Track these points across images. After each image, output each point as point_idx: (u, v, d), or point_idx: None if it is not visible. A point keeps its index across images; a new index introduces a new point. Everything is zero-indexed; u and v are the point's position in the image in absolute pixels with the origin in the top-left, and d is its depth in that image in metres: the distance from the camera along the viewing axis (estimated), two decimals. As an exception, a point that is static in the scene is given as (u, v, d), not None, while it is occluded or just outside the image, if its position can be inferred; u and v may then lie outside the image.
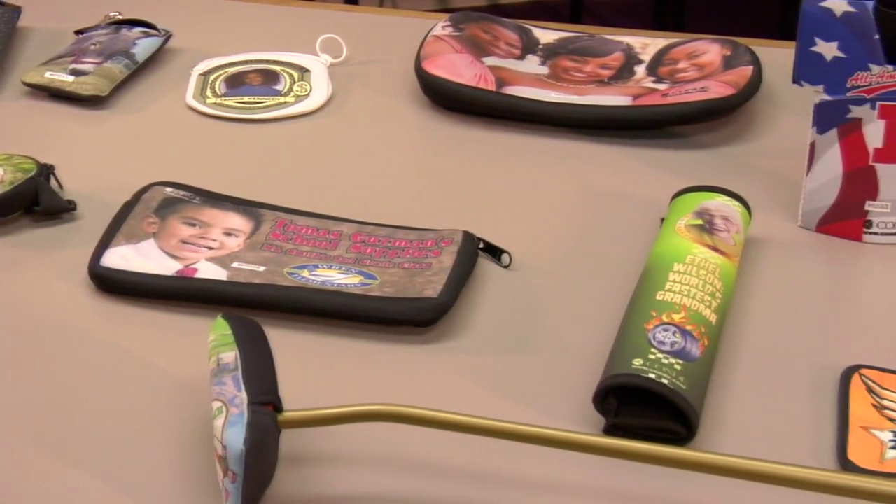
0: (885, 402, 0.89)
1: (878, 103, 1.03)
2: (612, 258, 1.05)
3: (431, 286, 0.97)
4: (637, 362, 0.86)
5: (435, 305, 0.95)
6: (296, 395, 0.89)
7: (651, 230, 1.08)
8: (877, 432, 0.86)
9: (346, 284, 0.98)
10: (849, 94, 1.03)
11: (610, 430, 0.87)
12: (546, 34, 1.35)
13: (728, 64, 1.25)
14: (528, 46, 1.32)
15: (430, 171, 1.16)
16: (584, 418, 0.88)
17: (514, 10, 3.35)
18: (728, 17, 3.38)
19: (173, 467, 0.84)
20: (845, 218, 1.07)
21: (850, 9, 1.01)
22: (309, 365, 0.93)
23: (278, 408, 0.81)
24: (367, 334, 0.96)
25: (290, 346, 0.95)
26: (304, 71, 1.31)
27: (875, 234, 1.06)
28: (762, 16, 3.27)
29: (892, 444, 0.85)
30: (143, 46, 1.32)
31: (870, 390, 0.90)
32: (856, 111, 1.03)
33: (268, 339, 0.86)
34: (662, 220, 1.04)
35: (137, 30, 1.34)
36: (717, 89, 1.20)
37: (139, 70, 1.31)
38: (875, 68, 1.02)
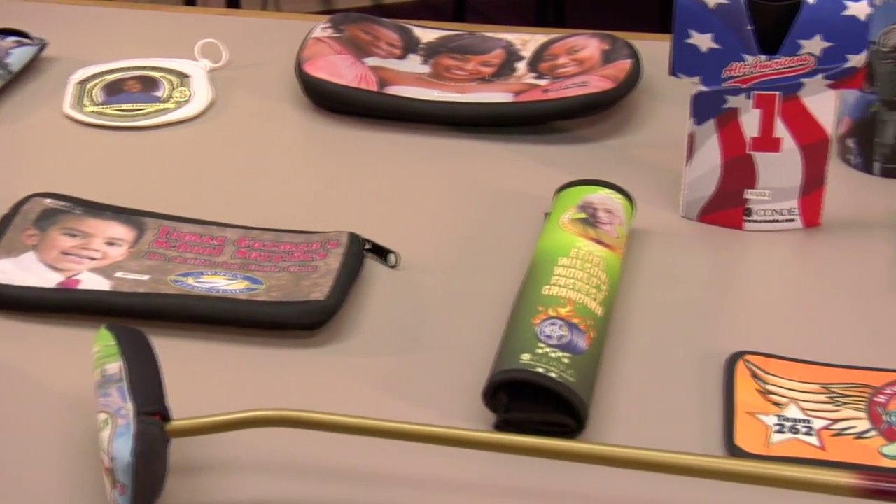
0: (770, 387, 0.90)
1: (754, 93, 1.04)
2: (498, 254, 1.05)
3: (318, 289, 0.96)
4: (525, 357, 0.87)
5: (322, 308, 0.95)
6: (184, 404, 0.88)
7: (536, 225, 1.08)
8: (762, 417, 0.88)
9: (231, 290, 0.97)
10: (724, 85, 1.04)
11: (501, 426, 0.87)
12: (427, 33, 1.35)
13: (607, 58, 1.26)
14: (409, 46, 1.32)
15: (314, 174, 1.16)
16: (476, 415, 0.89)
17: (398, 10, 3.36)
18: (608, 11, 3.41)
19: (60, 482, 0.83)
20: (726, 207, 1.08)
21: (723, 0, 1.02)
22: (197, 373, 0.93)
23: (166, 417, 0.80)
24: (255, 339, 0.96)
25: (176, 354, 0.94)
26: (183, 76, 1.29)
27: (755, 221, 1.08)
28: (642, 10, 3.31)
29: (777, 428, 0.87)
30: (18, 56, 1.29)
31: (754, 376, 0.91)
32: (732, 101, 1.05)
33: (153, 349, 0.85)
34: (547, 214, 1.05)
35: (11, 39, 1.31)
36: (596, 83, 1.21)
37: (14, 80, 1.29)
38: (749, 58, 1.03)
